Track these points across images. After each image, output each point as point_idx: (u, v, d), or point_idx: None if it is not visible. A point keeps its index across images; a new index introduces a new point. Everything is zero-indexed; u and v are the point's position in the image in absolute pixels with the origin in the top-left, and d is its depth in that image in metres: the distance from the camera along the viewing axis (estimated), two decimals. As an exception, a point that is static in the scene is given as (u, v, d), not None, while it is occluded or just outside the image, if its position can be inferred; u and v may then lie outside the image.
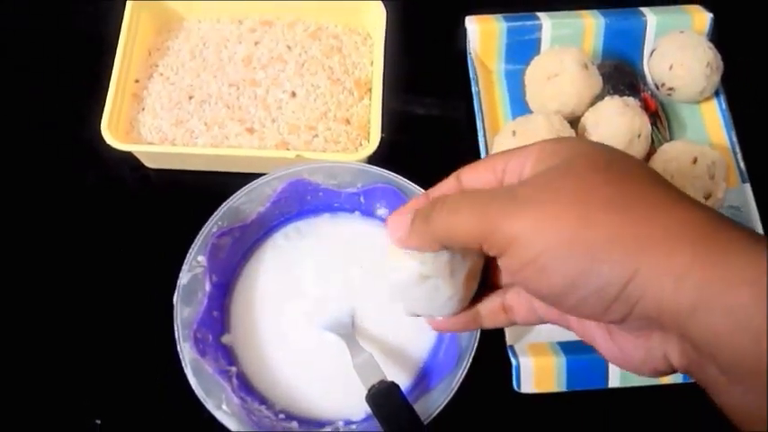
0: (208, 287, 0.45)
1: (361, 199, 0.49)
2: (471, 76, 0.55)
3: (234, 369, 0.45)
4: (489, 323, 0.31)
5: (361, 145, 0.52)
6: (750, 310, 0.21)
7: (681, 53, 0.53)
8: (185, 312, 0.43)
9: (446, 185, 0.31)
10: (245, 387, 0.45)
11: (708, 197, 0.48)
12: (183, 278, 0.44)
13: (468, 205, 0.26)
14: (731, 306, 0.21)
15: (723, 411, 0.24)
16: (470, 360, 0.42)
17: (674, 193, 0.24)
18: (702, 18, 0.56)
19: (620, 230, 0.23)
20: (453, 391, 0.41)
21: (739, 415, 0.23)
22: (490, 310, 0.31)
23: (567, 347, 0.46)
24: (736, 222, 0.23)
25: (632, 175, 0.25)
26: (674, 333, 0.24)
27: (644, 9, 0.57)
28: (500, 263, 0.27)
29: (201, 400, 0.41)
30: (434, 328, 0.33)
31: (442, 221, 0.27)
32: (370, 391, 0.40)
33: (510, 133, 0.50)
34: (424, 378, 0.45)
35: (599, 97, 0.53)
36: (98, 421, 0.46)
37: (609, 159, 0.26)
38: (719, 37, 0.56)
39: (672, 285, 0.22)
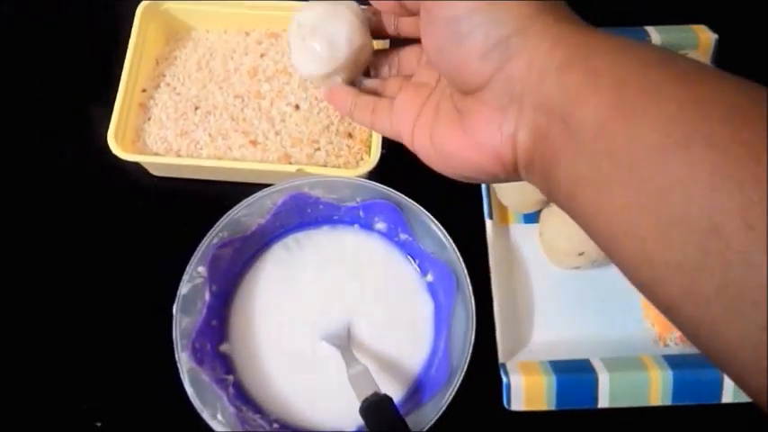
0: (207, 297, 0.46)
1: (361, 213, 0.49)
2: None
3: (231, 378, 0.46)
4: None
5: (362, 159, 0.53)
6: (606, 71, 0.24)
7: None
8: (184, 322, 0.44)
9: None
10: (242, 396, 0.46)
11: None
12: (184, 288, 0.45)
13: None
14: (592, 67, 0.24)
15: (552, 194, 0.26)
16: (462, 376, 0.42)
17: None
18: (707, 38, 0.56)
19: None
20: (444, 407, 0.42)
21: (569, 189, 0.25)
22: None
23: (558, 367, 0.47)
24: None
25: None
26: (532, 100, 0.26)
27: (648, 28, 0.57)
28: None
29: (197, 409, 0.42)
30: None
31: None
32: (363, 403, 0.41)
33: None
34: (416, 392, 0.46)
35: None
36: (98, 423, 0.48)
37: None
38: (724, 57, 0.56)
39: (548, 47, 0.25)
